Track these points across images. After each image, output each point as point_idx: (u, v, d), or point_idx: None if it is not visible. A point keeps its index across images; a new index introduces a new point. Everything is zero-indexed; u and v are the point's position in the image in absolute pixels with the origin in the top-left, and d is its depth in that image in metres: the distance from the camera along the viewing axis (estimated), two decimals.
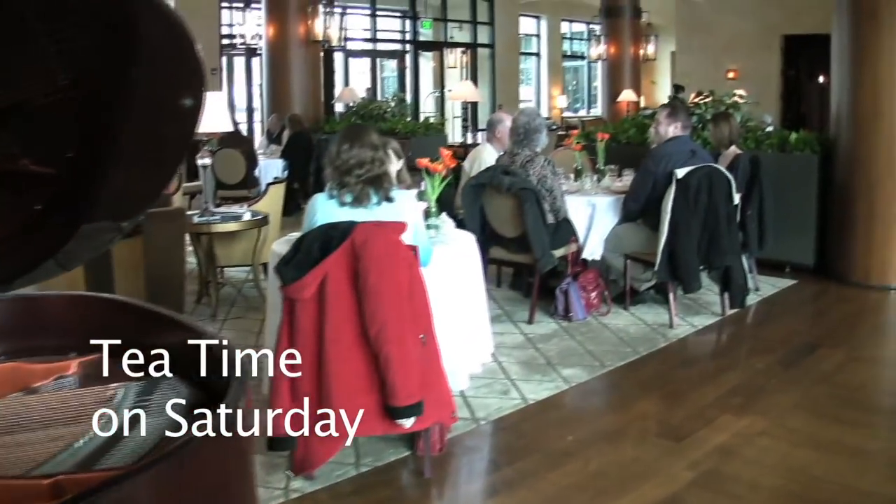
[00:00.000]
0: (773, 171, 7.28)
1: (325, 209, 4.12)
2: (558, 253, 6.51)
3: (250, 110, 19.94)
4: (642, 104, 18.51)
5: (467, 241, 4.96)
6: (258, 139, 14.76)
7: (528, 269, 6.55)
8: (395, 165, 5.14)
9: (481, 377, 5.17)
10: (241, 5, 15.94)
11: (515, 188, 6.18)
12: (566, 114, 23.86)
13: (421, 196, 4.96)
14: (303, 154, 12.11)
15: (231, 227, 6.89)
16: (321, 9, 13.91)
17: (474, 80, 22.43)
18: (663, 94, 20.91)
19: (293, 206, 9.85)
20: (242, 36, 15.06)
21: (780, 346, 5.85)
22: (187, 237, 6.91)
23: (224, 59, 19.60)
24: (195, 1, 17.22)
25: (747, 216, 6.77)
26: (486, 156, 7.45)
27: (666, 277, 6.19)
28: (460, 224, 6.45)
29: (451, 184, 7.29)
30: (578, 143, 7.78)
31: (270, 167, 12.16)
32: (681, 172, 6.01)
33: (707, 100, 8.36)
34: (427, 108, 22.53)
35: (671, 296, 6.23)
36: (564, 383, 5.16)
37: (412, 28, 21.98)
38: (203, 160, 7.13)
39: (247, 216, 7.02)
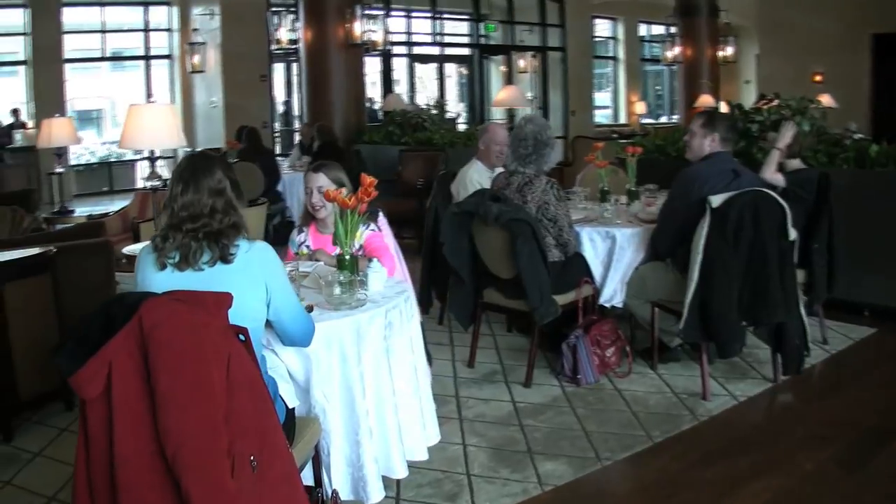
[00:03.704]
0: (848, 192, 5.89)
1: (143, 269, 2.90)
2: (567, 298, 5.19)
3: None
4: (722, 110, 16.91)
5: (401, 300, 3.66)
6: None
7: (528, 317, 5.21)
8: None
9: (432, 470, 3.97)
10: (283, 9, 14.90)
11: (505, 219, 4.87)
12: (645, 120, 22.34)
13: (335, 240, 3.70)
14: None
15: None
16: (359, 11, 12.73)
17: (544, 85, 21.17)
18: (749, 99, 19.22)
19: None
20: (279, 41, 13.95)
21: (843, 432, 4.36)
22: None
23: (282, 66, 18.78)
24: (241, 6, 16.40)
25: (813, 250, 5.36)
26: (474, 175, 6.17)
27: (696, 337, 4.80)
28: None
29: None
30: (603, 159, 6.41)
31: (299, 181, 11.03)
32: (716, 200, 4.62)
33: (771, 104, 6.89)
34: (496, 115, 21.32)
35: (704, 359, 4.82)
36: (537, 486, 3.83)
37: (477, 31, 20.81)
38: (152, 182, 5.96)
39: None
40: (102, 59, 18.04)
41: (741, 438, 4.34)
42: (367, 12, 13.33)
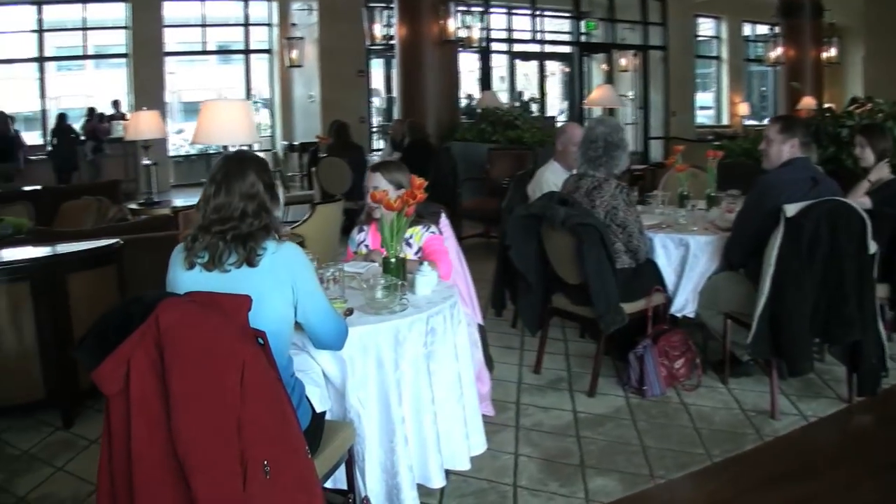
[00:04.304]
0: None
1: (174, 268, 2.90)
2: (637, 306, 5.04)
3: None
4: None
5: (446, 307, 3.55)
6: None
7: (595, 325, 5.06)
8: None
9: (479, 479, 3.90)
10: (379, 5, 14.97)
11: (571, 223, 4.74)
12: (749, 122, 21.75)
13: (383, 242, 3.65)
14: (421, 164, 10.96)
15: None
16: (452, 7, 12.68)
17: (645, 84, 20.83)
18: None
19: None
20: (373, 37, 13.99)
21: None
22: None
23: (381, 61, 18.87)
24: (339, 2, 16.52)
25: None
26: (550, 177, 6.04)
27: (765, 353, 4.58)
28: None
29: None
30: (682, 164, 6.21)
31: None
32: (791, 209, 4.39)
33: (864, 108, 6.58)
34: (596, 114, 21.05)
35: (773, 375, 4.61)
36: (583, 502, 3.70)
37: (577, 29, 20.58)
38: None
39: None
40: (203, 52, 18.41)
41: (805, 462, 4.11)
42: (463, 9, 13.29)
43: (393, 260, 3.54)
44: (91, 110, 16.00)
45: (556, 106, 21.69)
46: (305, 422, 2.84)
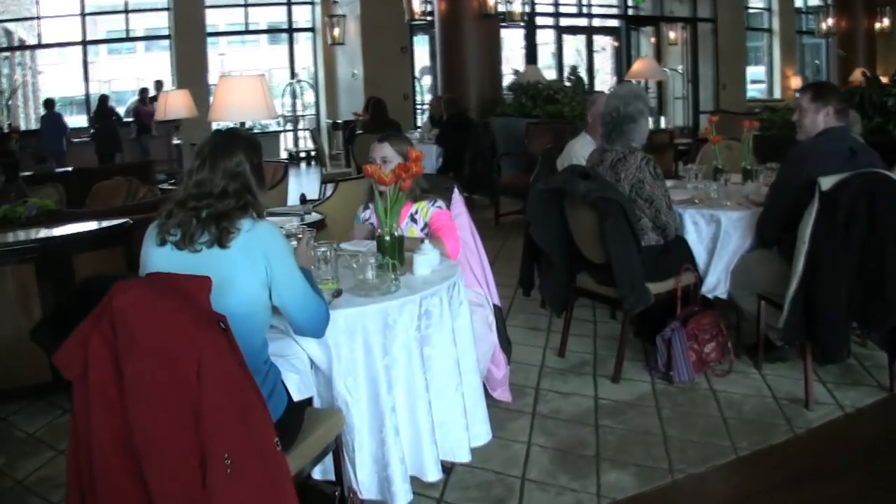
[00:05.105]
0: None
1: (146, 244, 2.77)
2: (665, 286, 4.76)
3: None
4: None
5: (443, 288, 3.32)
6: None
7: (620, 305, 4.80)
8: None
9: (486, 470, 3.69)
10: None
11: (593, 197, 4.48)
12: None
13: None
14: (460, 139, 10.80)
15: None
16: None
17: (695, 58, 20.37)
18: None
19: None
20: (413, 13, 13.77)
21: None
22: None
23: (426, 38, 18.64)
24: None
25: None
26: (579, 150, 5.80)
27: (797, 337, 4.28)
28: None
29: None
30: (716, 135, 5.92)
31: (429, 154, 10.82)
32: (826, 182, 4.07)
33: None
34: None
35: (808, 361, 4.30)
36: (593, 497, 3.46)
37: (625, 2, 20.18)
38: None
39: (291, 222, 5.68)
40: (245, 32, 18.36)
41: (837, 458, 3.79)
42: None
43: (387, 238, 3.32)
44: (143, 91, 16.07)
45: (607, 81, 21.28)
46: (279, 411, 2.66)
